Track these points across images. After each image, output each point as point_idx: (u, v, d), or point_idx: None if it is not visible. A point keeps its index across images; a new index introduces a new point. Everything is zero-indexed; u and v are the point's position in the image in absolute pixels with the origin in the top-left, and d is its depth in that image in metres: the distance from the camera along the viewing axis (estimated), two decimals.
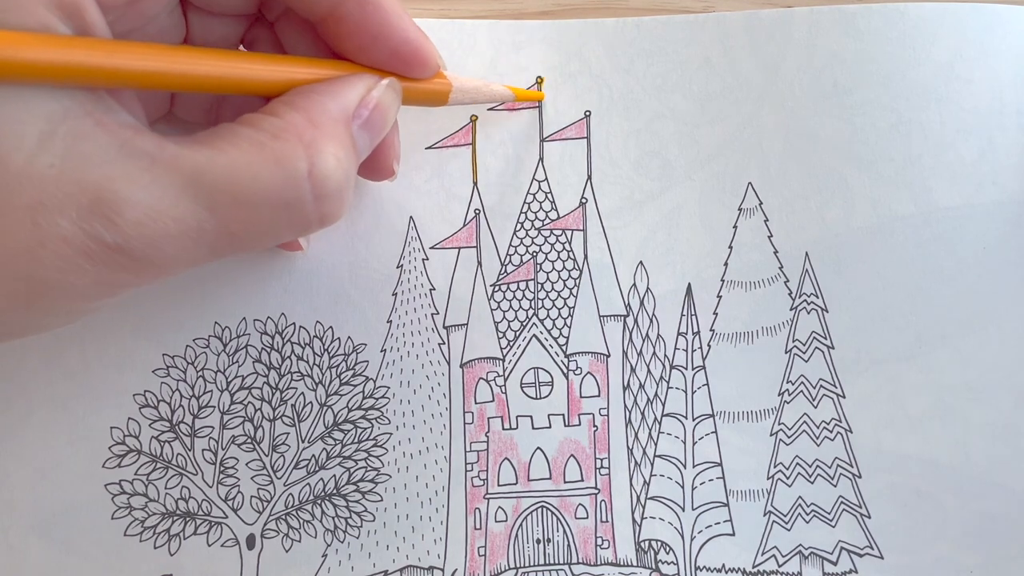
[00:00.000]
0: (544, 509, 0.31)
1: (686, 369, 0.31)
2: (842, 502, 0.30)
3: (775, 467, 0.31)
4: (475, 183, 0.32)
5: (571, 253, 0.32)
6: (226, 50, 0.22)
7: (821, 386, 0.31)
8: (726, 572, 0.30)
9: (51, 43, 0.18)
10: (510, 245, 0.32)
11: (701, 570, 0.30)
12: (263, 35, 0.27)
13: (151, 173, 0.19)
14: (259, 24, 0.27)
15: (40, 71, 0.18)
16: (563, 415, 0.31)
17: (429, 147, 0.32)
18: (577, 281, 0.32)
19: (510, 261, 0.32)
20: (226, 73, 0.22)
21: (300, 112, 0.22)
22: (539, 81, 0.33)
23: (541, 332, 0.32)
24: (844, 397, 0.31)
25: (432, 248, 0.32)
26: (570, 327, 0.32)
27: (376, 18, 0.24)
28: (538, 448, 0.31)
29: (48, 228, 0.19)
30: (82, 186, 0.19)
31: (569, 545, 0.30)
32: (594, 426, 0.31)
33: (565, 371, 0.31)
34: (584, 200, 0.32)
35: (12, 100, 0.18)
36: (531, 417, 0.31)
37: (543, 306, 0.32)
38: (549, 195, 0.32)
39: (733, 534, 0.30)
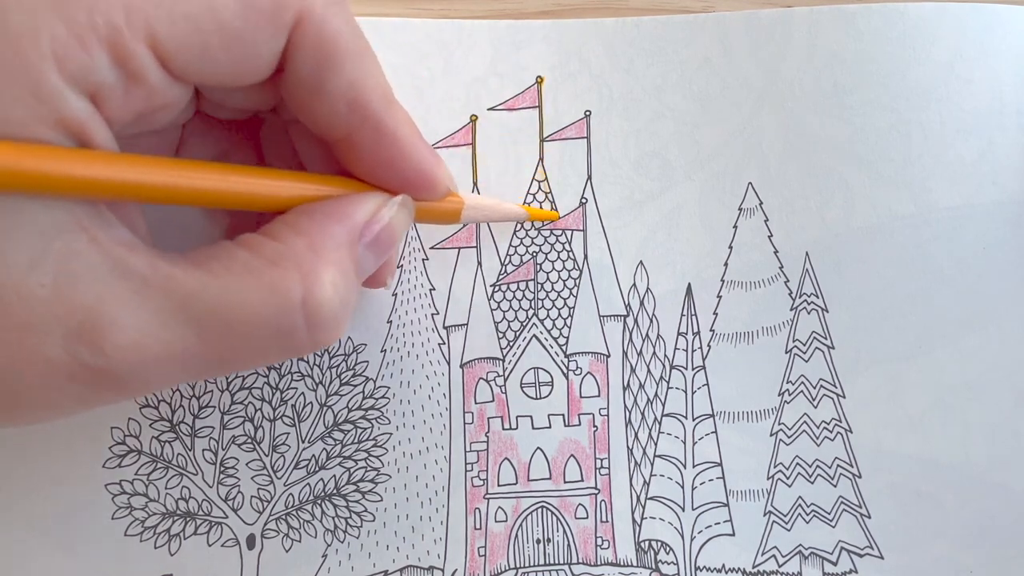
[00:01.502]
0: (544, 509, 0.31)
1: (686, 369, 0.31)
2: (842, 502, 0.30)
3: (775, 467, 0.31)
4: (475, 183, 0.32)
5: (571, 253, 0.32)
6: (232, 166, 0.22)
7: (821, 386, 0.31)
8: (726, 572, 0.30)
9: (49, 154, 0.18)
10: (510, 245, 0.32)
11: (701, 570, 0.30)
12: (275, 126, 0.27)
13: (142, 295, 0.19)
14: (273, 116, 0.27)
15: (36, 182, 0.18)
16: (563, 415, 0.31)
17: None
18: (577, 281, 0.32)
19: (510, 261, 0.32)
20: (230, 189, 0.21)
21: (302, 237, 0.21)
22: (539, 81, 0.33)
23: (541, 332, 0.32)
24: (844, 397, 0.31)
25: (432, 248, 0.32)
26: (570, 327, 0.32)
27: (390, 147, 0.23)
28: (538, 448, 0.31)
29: (33, 350, 0.18)
30: (70, 308, 0.18)
31: (569, 545, 0.30)
32: (594, 426, 0.31)
33: (565, 371, 0.31)
34: (584, 200, 0.32)
35: (7, 214, 0.18)
36: (531, 417, 0.31)
37: (543, 306, 0.32)
38: (549, 195, 0.32)
39: (733, 534, 0.30)
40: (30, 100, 0.18)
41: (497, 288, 0.32)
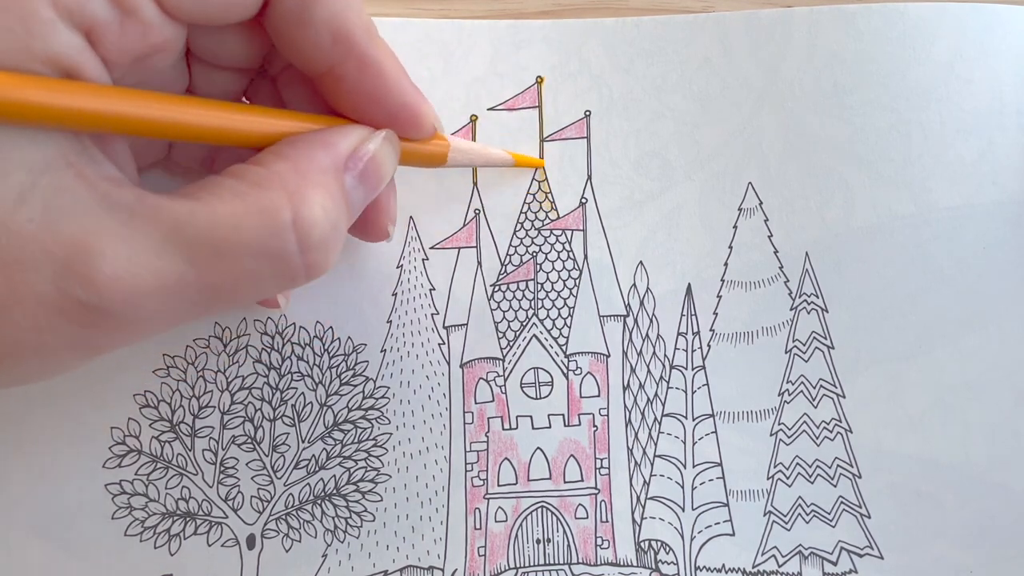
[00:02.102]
0: (544, 509, 0.31)
1: (686, 369, 0.31)
2: (842, 502, 0.30)
3: (775, 467, 0.31)
4: (475, 183, 0.32)
5: (571, 253, 0.32)
6: (218, 101, 0.22)
7: (821, 386, 0.31)
8: (726, 572, 0.30)
9: (38, 84, 0.18)
10: (510, 245, 0.32)
11: (701, 570, 0.30)
12: (265, 89, 0.27)
13: (130, 226, 0.19)
14: (262, 78, 0.27)
15: (26, 112, 0.18)
16: (563, 415, 0.31)
17: None
18: (577, 281, 0.32)
19: (510, 261, 0.32)
20: (215, 123, 0.21)
21: (286, 161, 0.21)
22: (539, 81, 0.33)
23: (541, 332, 0.32)
24: (844, 397, 0.31)
25: (432, 248, 0.32)
26: (570, 327, 0.32)
27: (375, 80, 0.24)
28: (538, 448, 0.31)
29: (23, 286, 0.18)
30: (59, 242, 0.18)
31: (569, 545, 0.30)
32: (594, 426, 0.31)
33: (565, 371, 0.31)
34: (584, 200, 0.32)
35: None
36: (531, 417, 0.31)
37: (543, 306, 0.32)
38: (549, 195, 0.32)
39: (733, 534, 0.30)
40: (21, 32, 0.18)
41: (497, 288, 0.32)
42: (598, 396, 0.31)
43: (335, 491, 0.30)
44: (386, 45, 0.24)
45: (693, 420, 0.31)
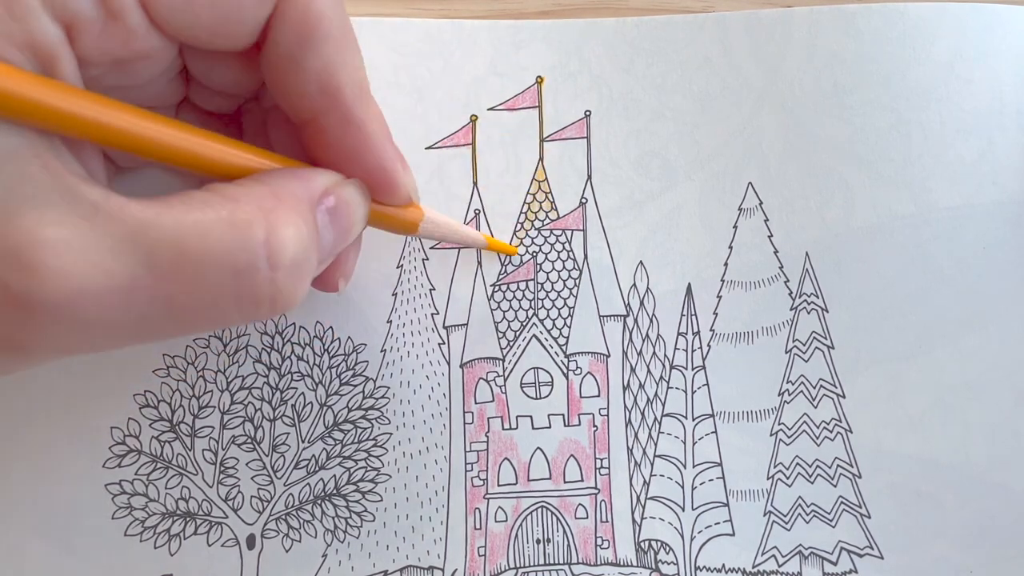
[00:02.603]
0: (544, 509, 0.31)
1: (686, 369, 0.31)
2: (842, 502, 0.30)
3: (775, 467, 0.31)
4: (475, 183, 0.32)
5: (571, 253, 0.32)
6: (195, 128, 0.21)
7: (821, 386, 0.31)
8: (726, 572, 0.30)
9: (13, 75, 0.18)
10: (510, 245, 0.32)
11: (701, 570, 0.30)
12: (258, 115, 0.27)
13: (90, 221, 0.18)
14: (254, 104, 0.27)
15: None
16: (563, 415, 0.31)
17: (429, 147, 0.32)
18: (577, 281, 0.32)
19: (510, 261, 0.32)
20: (187, 147, 0.21)
21: (263, 186, 0.21)
22: (539, 81, 0.33)
23: (541, 332, 0.32)
24: (844, 397, 0.31)
25: (432, 248, 0.32)
26: (570, 327, 0.32)
27: (356, 138, 0.23)
28: (538, 448, 0.31)
29: None
30: (11, 226, 0.17)
31: (569, 545, 0.30)
32: (594, 426, 0.31)
33: (565, 371, 0.31)
34: (584, 200, 0.32)
35: None
36: (531, 417, 0.31)
37: (543, 306, 0.32)
38: (549, 195, 0.32)
39: (733, 534, 0.30)
40: (3, 15, 0.18)
41: (497, 288, 0.32)
42: (598, 396, 0.31)
43: (335, 491, 0.30)
44: (375, 105, 0.24)
45: (693, 420, 0.31)
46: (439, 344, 0.31)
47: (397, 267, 0.32)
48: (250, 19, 0.21)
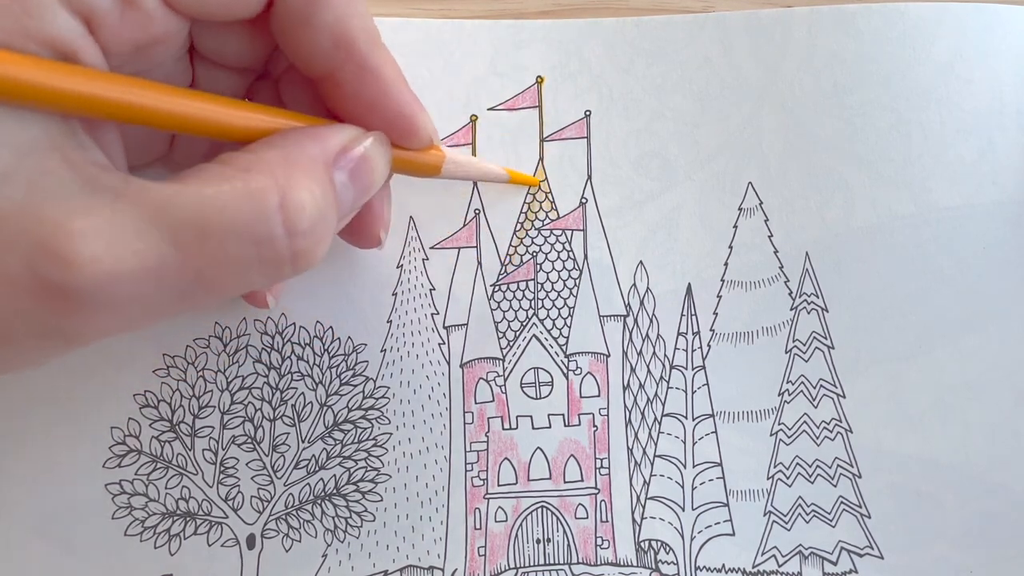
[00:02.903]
0: (544, 509, 0.31)
1: (686, 369, 0.31)
2: (842, 502, 0.30)
3: (775, 467, 0.31)
4: (475, 183, 0.32)
5: (571, 253, 0.32)
6: (214, 95, 0.22)
7: (821, 386, 0.31)
8: (726, 572, 0.30)
9: (34, 64, 0.18)
10: (510, 245, 0.32)
11: (701, 570, 0.30)
12: (267, 91, 0.27)
13: (113, 207, 0.18)
14: (264, 80, 0.27)
15: (19, 91, 0.18)
16: (563, 415, 0.31)
17: None
18: (577, 281, 0.32)
19: (510, 261, 0.32)
20: (209, 116, 0.21)
21: (276, 150, 0.21)
22: (539, 81, 0.33)
23: (541, 332, 0.32)
24: (844, 397, 0.31)
25: (432, 248, 0.32)
26: (570, 327, 0.32)
27: (373, 86, 0.24)
28: (538, 448, 0.31)
29: None
30: (39, 223, 0.18)
31: (569, 545, 0.30)
32: (594, 426, 0.31)
33: (565, 371, 0.31)
34: (584, 200, 0.32)
35: None
36: (531, 417, 0.31)
37: (543, 306, 0.32)
38: (549, 195, 0.32)
39: (733, 534, 0.30)
40: (20, 12, 0.18)
41: (497, 288, 0.32)
42: (598, 396, 0.31)
43: (335, 491, 0.30)
44: (387, 52, 0.24)
45: (693, 420, 0.31)
46: (439, 344, 0.31)
47: (397, 267, 0.32)
48: None
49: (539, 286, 0.32)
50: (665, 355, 0.32)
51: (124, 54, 0.21)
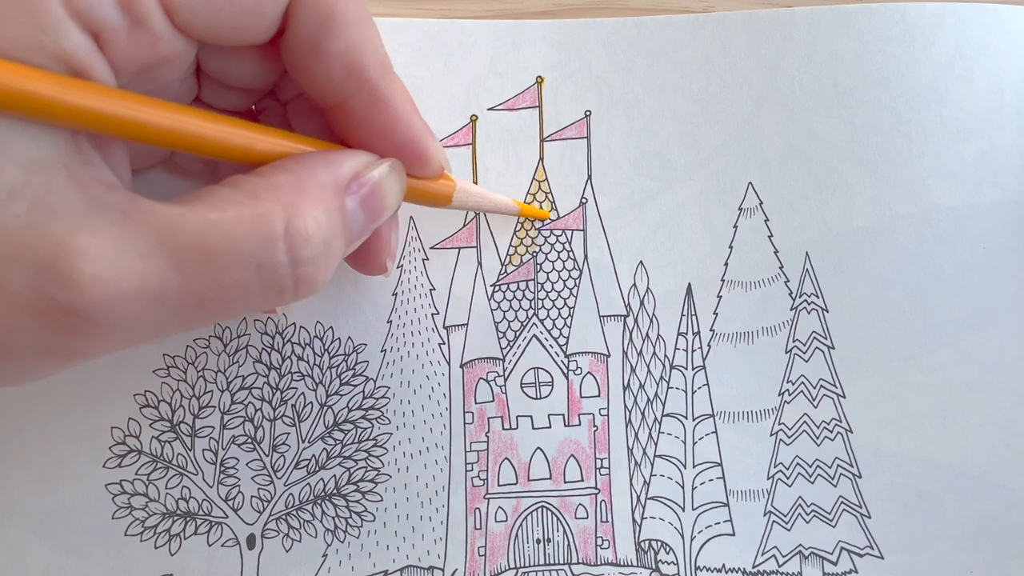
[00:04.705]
0: (544, 509, 0.31)
1: (686, 369, 0.31)
2: (842, 502, 0.30)
3: (775, 467, 0.31)
4: (475, 183, 0.32)
5: (571, 253, 0.32)
6: (225, 116, 0.22)
7: (821, 386, 0.31)
8: (726, 572, 0.30)
9: (47, 78, 0.18)
10: (510, 245, 0.32)
11: (701, 570, 0.30)
12: (274, 109, 0.27)
13: (119, 227, 0.18)
14: (270, 100, 0.27)
15: (31, 105, 0.18)
16: (563, 415, 0.31)
17: None
18: (577, 281, 0.32)
19: (510, 261, 0.32)
20: (219, 138, 0.21)
21: (287, 174, 0.21)
22: (539, 81, 0.33)
23: (541, 332, 0.32)
24: (844, 397, 0.31)
25: (432, 248, 0.32)
26: (570, 327, 0.32)
27: (384, 114, 0.23)
28: (538, 448, 0.31)
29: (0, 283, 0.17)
30: (43, 241, 0.18)
31: (569, 545, 0.30)
32: (594, 426, 0.31)
33: (565, 371, 0.31)
34: (584, 200, 0.32)
35: None
36: (531, 417, 0.31)
37: (543, 306, 0.32)
38: (549, 195, 0.32)
39: (733, 534, 0.30)
40: (32, 28, 0.18)
41: (497, 288, 0.32)
42: (598, 396, 0.31)
43: (335, 491, 0.30)
44: (398, 79, 0.24)
45: (693, 420, 0.31)
46: (439, 344, 0.31)
47: (397, 267, 0.32)
48: (270, 11, 0.21)
49: (539, 286, 0.32)
50: (665, 355, 0.32)
51: (131, 72, 0.21)
